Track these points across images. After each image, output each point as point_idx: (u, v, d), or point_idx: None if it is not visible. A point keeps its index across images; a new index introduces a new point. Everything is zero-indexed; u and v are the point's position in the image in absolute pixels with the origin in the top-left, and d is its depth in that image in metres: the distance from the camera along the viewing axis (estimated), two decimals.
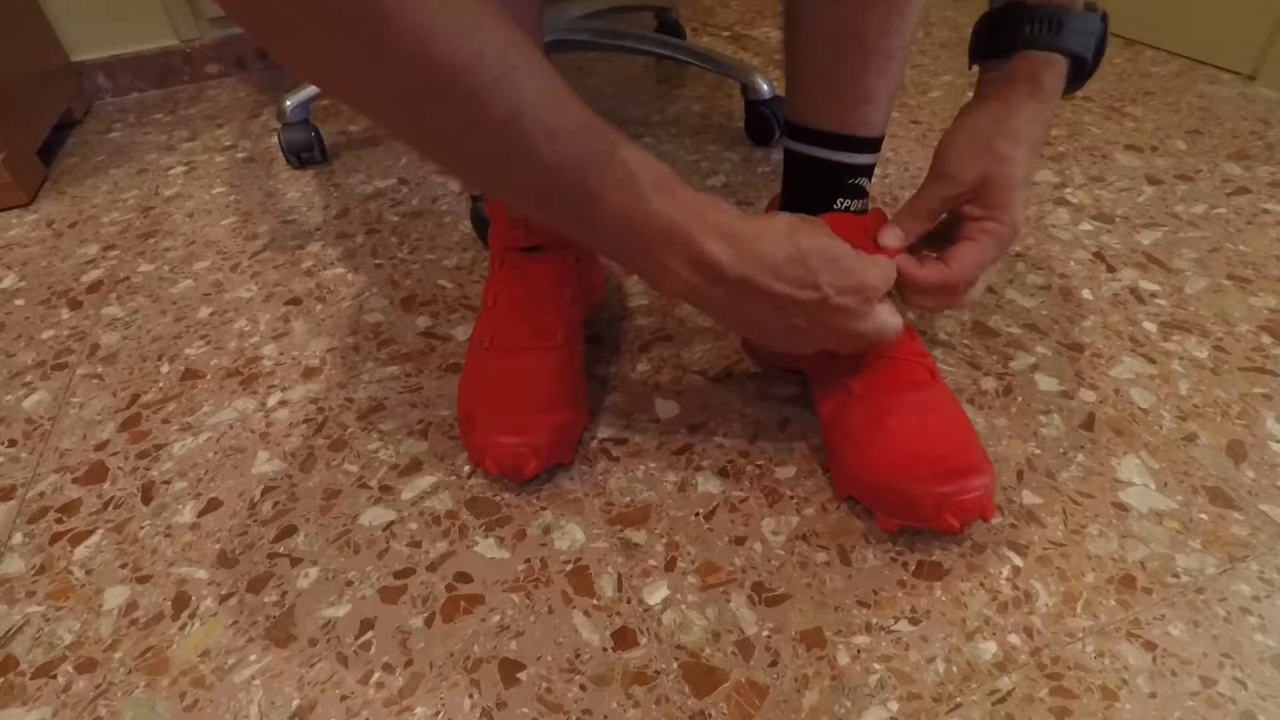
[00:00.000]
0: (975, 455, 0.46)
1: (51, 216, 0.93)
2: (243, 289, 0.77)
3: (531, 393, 0.53)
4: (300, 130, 0.97)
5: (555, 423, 0.52)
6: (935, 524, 0.45)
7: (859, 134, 0.51)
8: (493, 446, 0.50)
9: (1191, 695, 0.40)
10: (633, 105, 1.08)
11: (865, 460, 0.48)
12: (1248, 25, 1.00)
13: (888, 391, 0.49)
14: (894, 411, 0.48)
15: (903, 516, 0.47)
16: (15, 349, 0.71)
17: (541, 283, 0.57)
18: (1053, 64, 0.47)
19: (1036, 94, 0.47)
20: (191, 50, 1.28)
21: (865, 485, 0.48)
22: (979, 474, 0.45)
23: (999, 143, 0.47)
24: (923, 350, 0.51)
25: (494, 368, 0.54)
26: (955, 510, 0.44)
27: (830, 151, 0.52)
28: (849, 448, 0.49)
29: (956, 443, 0.47)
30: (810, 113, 0.52)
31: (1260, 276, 0.68)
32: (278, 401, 0.63)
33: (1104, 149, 0.89)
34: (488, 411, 0.52)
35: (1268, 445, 0.53)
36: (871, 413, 0.49)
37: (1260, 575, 0.45)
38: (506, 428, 0.51)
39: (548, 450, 0.51)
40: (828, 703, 0.41)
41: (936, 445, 0.46)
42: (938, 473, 0.45)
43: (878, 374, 0.49)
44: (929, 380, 0.50)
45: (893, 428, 0.47)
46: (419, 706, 0.42)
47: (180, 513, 0.54)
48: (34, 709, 0.43)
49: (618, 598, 0.47)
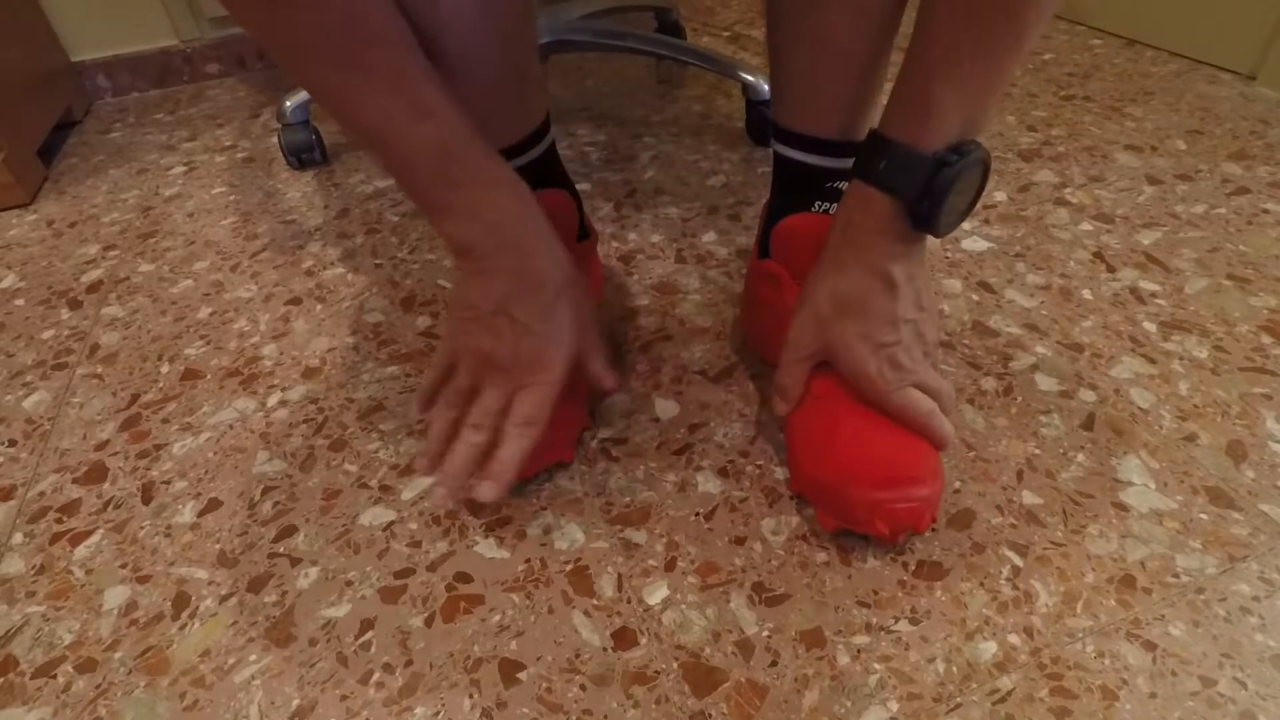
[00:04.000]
0: (921, 468, 0.45)
1: (51, 216, 0.93)
2: (243, 289, 0.77)
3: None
4: (300, 131, 0.97)
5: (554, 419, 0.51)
6: (867, 529, 0.45)
7: (834, 139, 0.51)
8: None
9: (1191, 695, 0.40)
10: (633, 105, 1.08)
11: (815, 460, 0.48)
12: (1248, 25, 1.00)
13: (848, 397, 0.48)
14: (850, 417, 0.48)
15: (839, 518, 0.47)
16: (15, 349, 0.72)
17: None
18: (869, 203, 0.44)
19: (850, 239, 0.46)
20: (191, 50, 1.28)
21: (811, 483, 0.49)
22: (919, 485, 0.44)
23: (824, 307, 0.47)
24: None
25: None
26: (887, 517, 0.44)
27: (808, 155, 0.52)
28: (803, 446, 0.50)
29: (905, 453, 0.46)
30: (789, 116, 0.52)
31: (1260, 276, 0.68)
32: (278, 401, 0.63)
33: (1104, 149, 0.89)
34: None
35: (1268, 445, 0.53)
36: (829, 416, 0.49)
37: (1260, 575, 0.45)
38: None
39: (547, 447, 0.51)
40: (828, 703, 0.41)
41: (884, 453, 0.46)
42: (878, 480, 0.45)
43: (842, 380, 0.49)
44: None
45: (845, 432, 0.47)
46: (419, 706, 0.42)
47: (180, 513, 0.54)
48: (34, 709, 0.43)
49: (618, 598, 0.47)
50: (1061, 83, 1.05)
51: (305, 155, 0.98)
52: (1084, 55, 1.13)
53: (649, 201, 0.86)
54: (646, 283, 0.73)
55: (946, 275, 0.71)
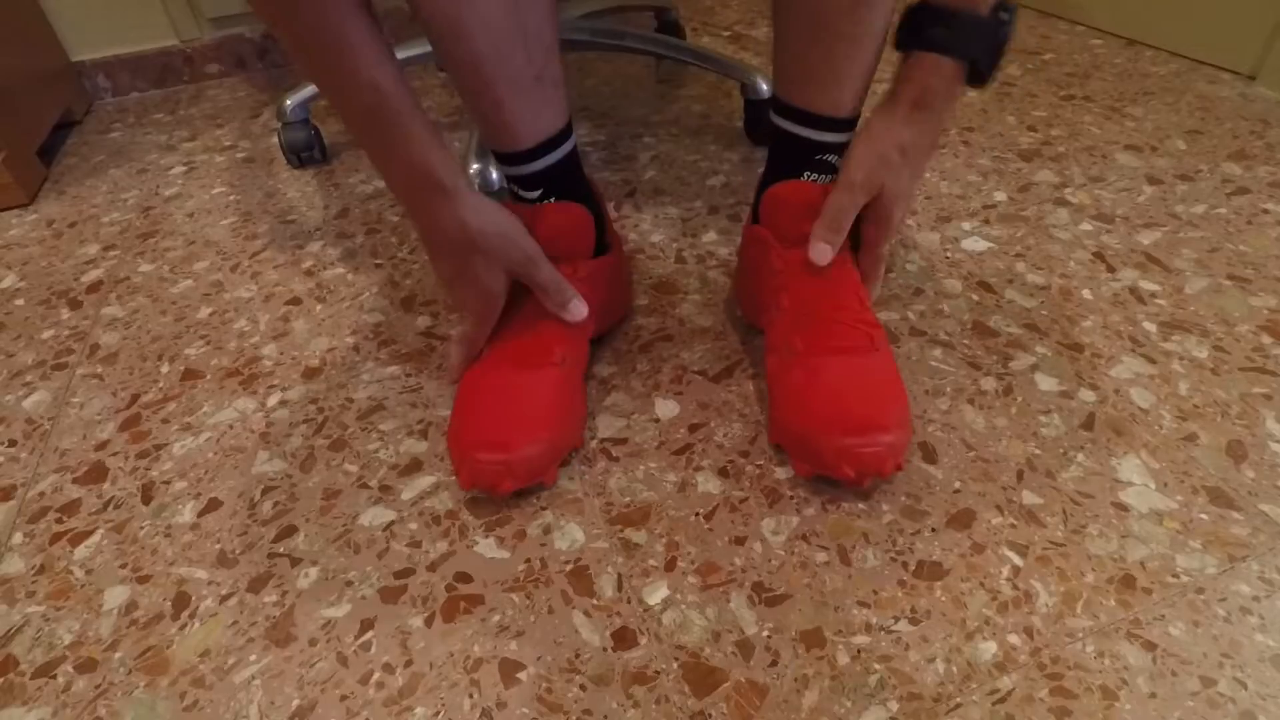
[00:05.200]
0: (890, 417, 0.48)
1: (51, 216, 0.93)
2: (243, 289, 0.77)
3: (520, 411, 0.51)
4: (300, 129, 0.97)
5: (539, 440, 0.51)
6: (835, 473, 0.48)
7: (828, 114, 0.54)
8: (469, 461, 0.49)
9: (1191, 695, 0.40)
10: (633, 105, 1.08)
11: (792, 411, 0.51)
12: (1248, 25, 1.00)
13: (826, 352, 0.52)
14: (827, 370, 0.51)
15: (811, 463, 0.50)
16: (15, 349, 0.72)
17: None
18: (940, 68, 0.49)
19: (923, 102, 0.51)
20: (191, 50, 1.28)
21: (787, 433, 0.52)
22: (885, 431, 0.47)
23: (893, 155, 0.52)
24: (873, 320, 0.54)
25: (487, 380, 0.53)
26: (853, 461, 0.47)
27: (803, 128, 0.55)
28: (782, 399, 0.53)
29: (876, 403, 0.49)
30: (787, 91, 0.55)
31: (1260, 276, 0.68)
32: (278, 401, 0.63)
33: (1104, 149, 0.89)
34: (471, 426, 0.51)
35: (1268, 445, 0.53)
36: (808, 370, 0.52)
37: (1260, 575, 0.45)
38: (488, 444, 0.50)
39: (526, 469, 0.50)
40: (828, 703, 0.41)
41: (855, 403, 0.49)
42: (847, 427, 0.48)
43: (821, 335, 0.52)
44: (869, 347, 0.52)
45: (822, 384, 0.50)
46: (419, 706, 0.42)
47: (180, 513, 0.54)
48: (34, 709, 0.43)
49: (618, 598, 0.47)
50: (1061, 83, 1.05)
51: (305, 154, 0.98)
52: (1084, 55, 1.13)
53: (649, 201, 0.86)
54: (646, 283, 0.73)
55: (946, 275, 0.71)
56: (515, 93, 0.51)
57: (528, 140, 0.54)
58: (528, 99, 0.52)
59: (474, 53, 0.48)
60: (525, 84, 0.51)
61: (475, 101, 0.52)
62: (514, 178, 0.57)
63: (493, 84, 0.50)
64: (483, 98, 0.51)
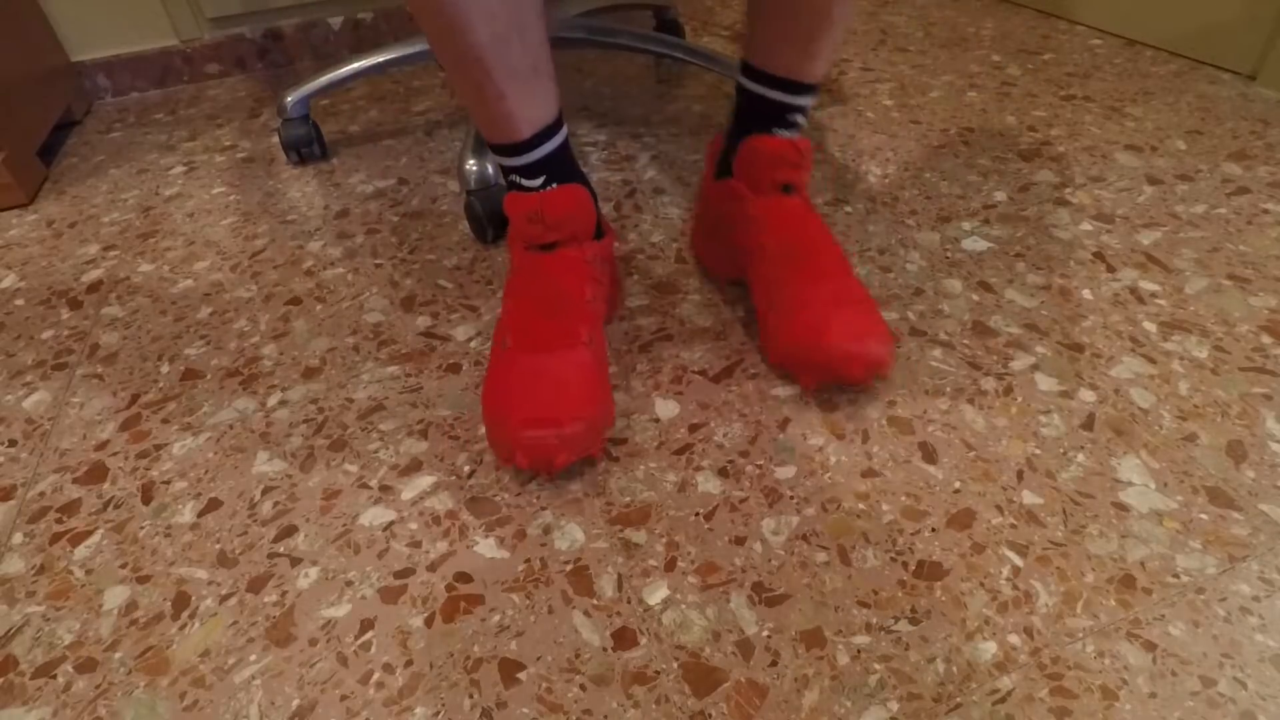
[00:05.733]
0: (881, 325, 0.56)
1: (51, 216, 0.93)
2: (243, 289, 0.77)
3: (560, 389, 0.52)
4: (300, 126, 0.97)
5: (585, 415, 0.52)
6: (845, 375, 0.55)
7: (804, 80, 0.60)
8: (524, 440, 0.50)
9: (1191, 695, 0.40)
10: (633, 105, 1.08)
11: (792, 333, 0.57)
12: (1248, 25, 1.00)
13: (814, 279, 0.59)
14: (819, 294, 0.58)
15: (820, 375, 0.56)
16: (15, 349, 0.72)
17: (562, 280, 0.58)
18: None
19: None
20: (191, 50, 1.28)
21: (791, 352, 0.58)
22: (878, 338, 0.55)
23: None
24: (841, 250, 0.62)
25: (521, 366, 0.54)
26: (860, 361, 0.54)
27: (779, 93, 0.60)
28: (783, 324, 0.58)
29: (862, 316, 0.56)
30: (763, 59, 0.60)
31: (1260, 276, 0.68)
32: (278, 401, 0.63)
33: (1104, 149, 0.89)
34: (516, 407, 0.52)
35: (1268, 445, 0.53)
36: (802, 296, 0.58)
37: (1260, 575, 0.45)
38: (536, 423, 0.50)
39: (579, 442, 0.51)
40: (828, 703, 0.41)
41: (852, 316, 0.56)
42: (846, 336, 0.55)
43: (807, 266, 0.59)
44: (847, 272, 0.60)
45: (817, 305, 0.57)
46: (419, 706, 0.42)
47: (180, 513, 0.54)
48: (34, 709, 0.43)
49: (618, 598, 0.47)
50: (1061, 83, 1.05)
51: (305, 150, 0.99)
52: (1084, 55, 1.13)
53: (649, 201, 0.86)
54: (646, 283, 0.73)
55: (946, 275, 0.71)
56: (515, 84, 0.53)
57: (527, 130, 0.56)
58: (527, 89, 0.54)
59: (477, 45, 0.50)
60: (524, 75, 0.53)
61: (477, 95, 0.54)
62: (516, 168, 0.59)
63: (494, 76, 0.52)
64: (485, 90, 0.53)
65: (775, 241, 0.61)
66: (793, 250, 0.60)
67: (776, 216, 0.62)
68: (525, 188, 0.59)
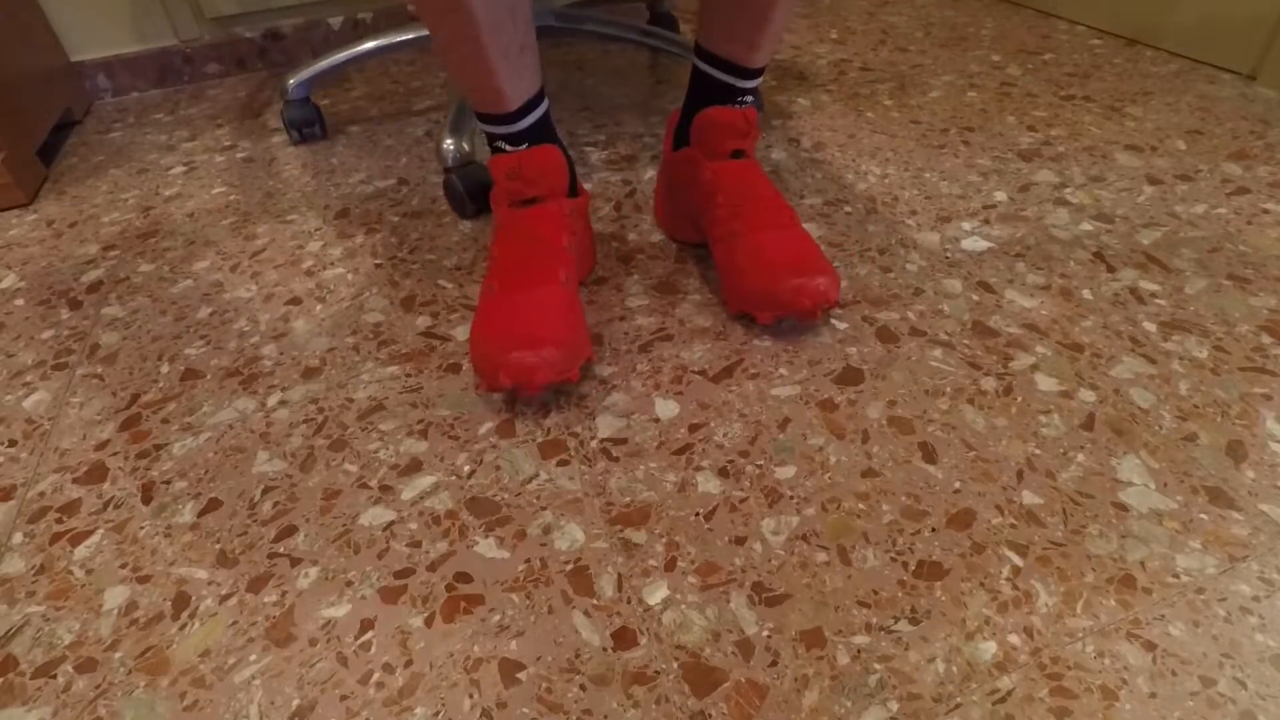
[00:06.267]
0: (824, 263, 0.62)
1: (51, 216, 0.93)
2: (243, 289, 0.77)
3: (539, 317, 0.58)
4: (302, 107, 1.04)
5: (562, 339, 0.57)
6: (794, 308, 0.61)
7: (748, 66, 0.66)
8: (508, 361, 0.55)
9: (1191, 695, 0.40)
10: (632, 105, 1.08)
11: (749, 274, 0.63)
12: (1248, 25, 1.00)
13: (763, 227, 0.65)
14: (768, 239, 0.64)
15: (772, 309, 0.62)
16: (15, 349, 0.72)
17: (541, 229, 0.64)
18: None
19: None
20: (191, 50, 1.28)
21: (747, 294, 0.64)
22: (823, 273, 0.61)
23: None
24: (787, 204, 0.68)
25: (503, 303, 0.59)
26: (807, 293, 0.60)
27: (729, 76, 0.67)
28: (737, 270, 0.65)
29: (811, 255, 0.63)
30: (716, 45, 0.66)
31: (1260, 276, 0.68)
32: (278, 401, 0.63)
33: (1104, 149, 0.89)
34: (500, 335, 0.56)
35: (1268, 445, 0.53)
36: (752, 242, 0.64)
37: (1260, 575, 0.45)
38: (518, 345, 0.55)
39: (556, 365, 0.56)
40: (828, 703, 0.41)
41: (796, 256, 0.62)
42: (796, 270, 0.61)
43: (755, 216, 0.65)
44: (793, 223, 0.66)
45: (767, 248, 0.63)
46: (419, 706, 0.42)
47: (180, 513, 0.54)
48: (34, 709, 0.43)
49: (618, 598, 0.47)
50: (1061, 83, 1.05)
51: (306, 130, 1.06)
52: (1084, 55, 1.13)
53: (649, 201, 0.86)
54: (646, 283, 0.73)
55: (946, 275, 0.71)
56: (505, 61, 0.59)
57: (515, 103, 0.62)
58: (515, 67, 0.60)
59: (473, 24, 0.55)
60: (513, 53, 0.59)
61: (469, 71, 0.59)
62: (502, 136, 0.65)
63: (488, 54, 0.57)
64: (477, 66, 0.58)
65: (727, 198, 0.67)
66: (742, 203, 0.67)
67: (728, 176, 0.68)
68: (507, 151, 0.65)
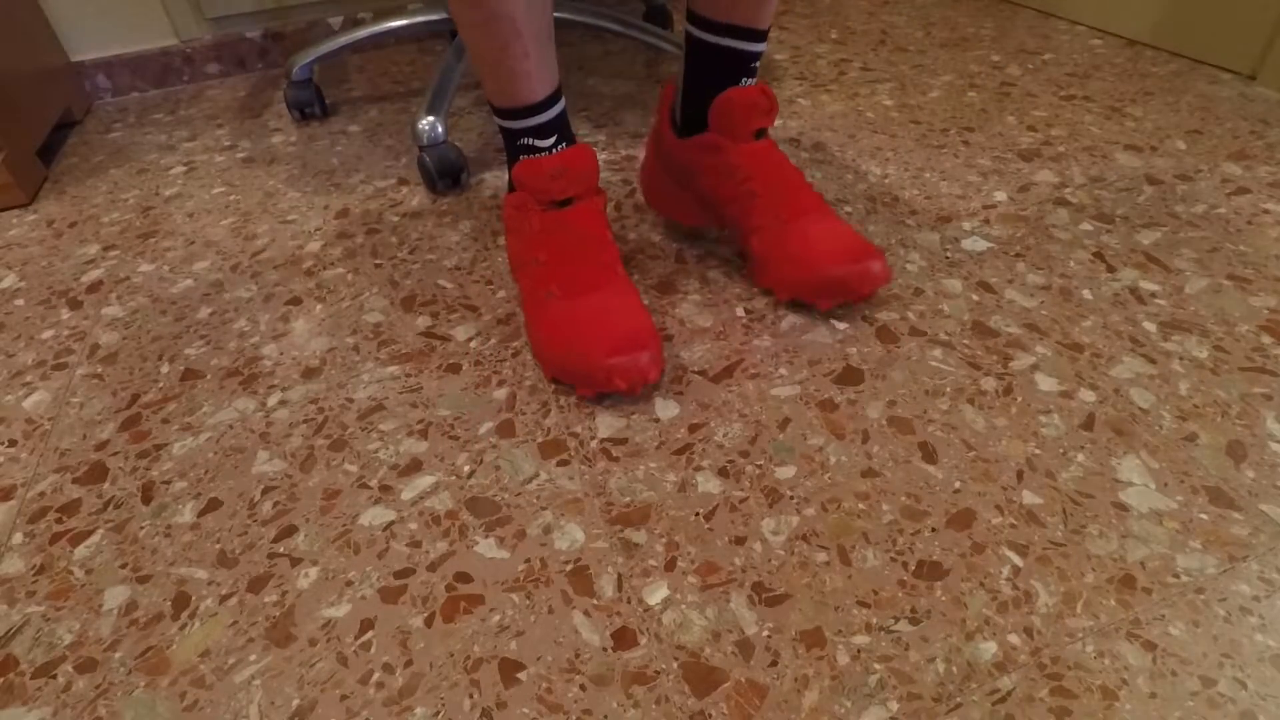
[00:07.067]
0: (870, 247, 0.63)
1: (51, 216, 0.93)
2: (243, 289, 0.77)
3: (629, 317, 0.58)
4: (304, 88, 1.10)
5: (654, 332, 0.58)
6: (858, 294, 0.63)
7: (760, 27, 0.63)
8: (619, 366, 0.55)
9: (1191, 695, 0.40)
10: (632, 105, 1.08)
11: (804, 263, 0.64)
12: (1248, 25, 1.00)
13: (803, 213, 0.65)
14: (813, 227, 0.64)
15: (835, 296, 0.63)
16: (15, 349, 0.72)
17: (590, 227, 0.63)
18: None
19: None
20: (191, 50, 1.28)
21: (803, 282, 0.64)
22: (876, 258, 0.62)
23: None
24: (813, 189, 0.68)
25: (581, 306, 0.59)
26: (867, 279, 0.62)
27: (739, 42, 0.64)
28: (785, 260, 0.65)
29: (855, 240, 0.64)
30: (720, 13, 0.63)
31: (1260, 276, 0.68)
32: (278, 401, 0.63)
33: (1104, 149, 0.89)
34: (597, 340, 0.57)
35: (1268, 445, 0.53)
36: (799, 230, 0.64)
37: (1260, 575, 0.45)
38: (624, 347, 0.56)
39: (660, 361, 0.57)
40: (828, 703, 0.41)
41: (845, 244, 0.63)
42: (852, 257, 0.62)
43: (795, 204, 0.65)
44: (824, 206, 0.66)
45: (817, 237, 0.64)
46: (419, 706, 0.42)
47: (180, 513, 0.54)
48: (34, 709, 0.43)
49: (618, 598, 0.47)
50: (1061, 83, 1.05)
51: (308, 109, 1.12)
52: (1084, 55, 1.13)
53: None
54: (646, 283, 0.73)
55: (946, 275, 0.71)
56: (539, 45, 0.58)
57: (542, 91, 0.61)
58: (545, 51, 0.60)
59: (514, 5, 0.55)
60: (544, 38, 0.59)
61: (501, 55, 0.58)
62: (529, 129, 0.62)
63: (524, 35, 0.57)
64: (511, 50, 0.57)
65: (764, 186, 0.66)
66: (782, 193, 0.66)
67: (761, 163, 0.66)
68: (539, 149, 0.63)
